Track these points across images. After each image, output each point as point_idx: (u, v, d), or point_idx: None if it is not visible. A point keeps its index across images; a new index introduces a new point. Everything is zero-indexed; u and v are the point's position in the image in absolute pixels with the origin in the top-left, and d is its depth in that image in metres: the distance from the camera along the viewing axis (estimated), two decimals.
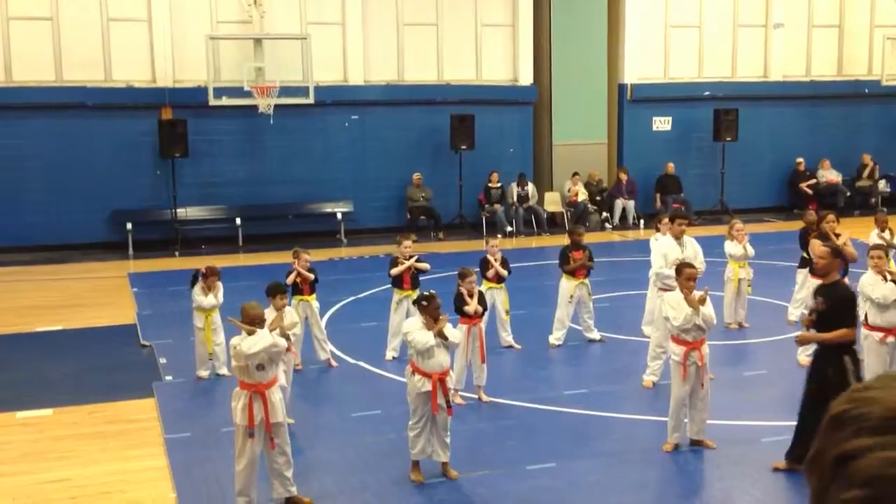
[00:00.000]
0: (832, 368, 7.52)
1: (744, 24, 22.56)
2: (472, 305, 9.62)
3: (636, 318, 12.19)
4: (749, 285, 12.44)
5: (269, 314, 8.61)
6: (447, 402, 7.86)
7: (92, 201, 18.40)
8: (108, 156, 18.56)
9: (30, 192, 18.23)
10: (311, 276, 10.82)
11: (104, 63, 18.65)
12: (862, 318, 9.09)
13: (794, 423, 7.81)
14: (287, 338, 8.73)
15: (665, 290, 9.69)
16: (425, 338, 7.77)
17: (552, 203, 21.14)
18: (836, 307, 7.61)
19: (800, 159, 22.39)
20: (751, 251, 12.26)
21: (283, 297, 8.95)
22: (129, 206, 18.65)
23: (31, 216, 18.16)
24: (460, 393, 9.57)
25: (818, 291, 7.93)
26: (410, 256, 11.16)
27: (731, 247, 12.29)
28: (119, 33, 18.65)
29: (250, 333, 7.24)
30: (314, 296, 10.96)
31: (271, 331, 7.36)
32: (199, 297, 10.45)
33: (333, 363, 11.07)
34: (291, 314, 9.12)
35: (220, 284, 10.56)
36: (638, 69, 21.73)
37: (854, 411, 1.14)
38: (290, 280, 10.57)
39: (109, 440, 8.91)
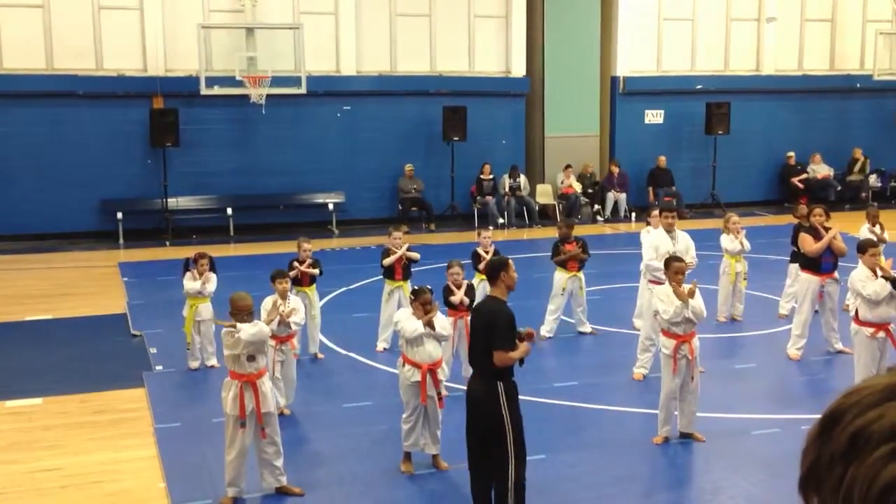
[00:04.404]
0: None
1: (737, 17, 22.58)
2: (458, 296, 9.63)
3: (627, 311, 12.22)
4: (745, 279, 12.48)
5: (272, 301, 8.71)
6: (438, 394, 7.88)
7: (82, 190, 18.33)
8: (99, 145, 18.49)
9: (20, 181, 18.15)
10: (317, 272, 10.84)
11: (95, 51, 18.55)
12: (852, 313, 9.14)
13: (785, 415, 7.83)
14: (288, 325, 8.80)
15: (656, 282, 9.71)
16: (413, 325, 7.79)
17: (544, 195, 21.14)
18: None
19: (791, 153, 22.44)
20: (747, 245, 12.27)
21: (283, 281, 9.02)
22: (120, 195, 18.59)
23: (20, 204, 18.08)
24: (445, 383, 9.58)
25: None
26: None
27: (726, 241, 12.29)
28: (110, 22, 18.55)
29: (230, 326, 7.21)
30: (314, 286, 10.96)
31: (268, 323, 7.36)
32: (188, 282, 10.44)
33: (320, 355, 11.06)
34: (296, 301, 9.17)
35: (213, 276, 10.53)
36: (631, 62, 21.73)
37: (847, 402, 1.11)
38: (292, 275, 10.53)
39: (100, 430, 8.89)
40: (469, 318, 9.72)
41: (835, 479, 1.06)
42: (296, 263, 10.73)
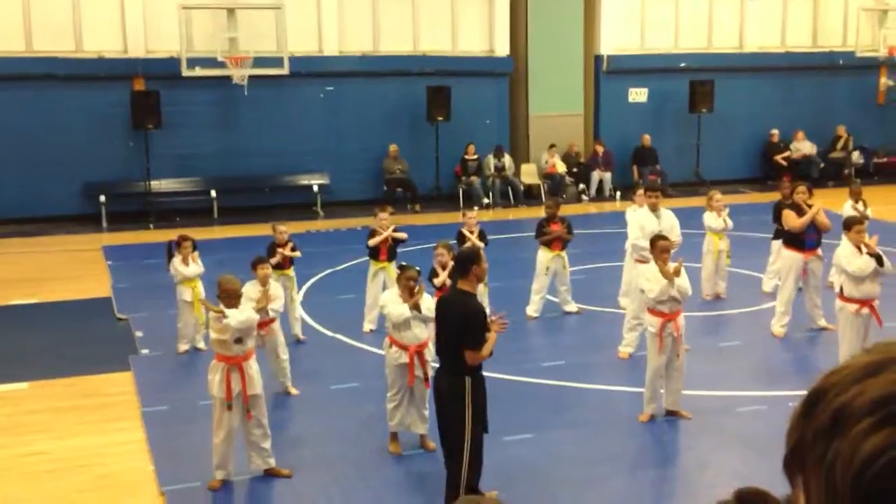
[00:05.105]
0: None
1: None
2: (441, 278, 9.64)
3: (613, 290, 12.25)
4: (728, 256, 12.53)
5: (252, 287, 8.66)
6: (425, 374, 7.91)
7: (64, 173, 18.18)
8: (80, 127, 18.32)
9: (0, 165, 17.98)
10: (298, 254, 10.80)
11: (75, 33, 18.36)
12: (837, 289, 9.19)
13: (770, 392, 7.89)
14: (266, 312, 8.78)
15: (642, 261, 9.74)
16: (400, 310, 7.81)
17: (529, 175, 21.13)
18: None
19: (774, 131, 22.49)
20: (730, 223, 12.33)
21: (265, 268, 9.00)
22: (102, 178, 18.45)
23: (2, 189, 17.92)
24: (431, 364, 9.60)
25: None
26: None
27: (709, 218, 12.34)
28: (90, 3, 18.34)
29: (218, 312, 7.19)
30: (292, 268, 10.94)
31: (260, 310, 7.35)
32: (181, 267, 10.34)
33: (302, 336, 11.01)
34: (276, 288, 9.13)
35: (197, 254, 10.48)
36: (614, 40, 21.68)
37: (829, 381, 1.11)
38: (274, 261, 10.43)
39: (86, 413, 8.88)
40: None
41: (818, 455, 1.07)
42: (279, 249, 10.66)
